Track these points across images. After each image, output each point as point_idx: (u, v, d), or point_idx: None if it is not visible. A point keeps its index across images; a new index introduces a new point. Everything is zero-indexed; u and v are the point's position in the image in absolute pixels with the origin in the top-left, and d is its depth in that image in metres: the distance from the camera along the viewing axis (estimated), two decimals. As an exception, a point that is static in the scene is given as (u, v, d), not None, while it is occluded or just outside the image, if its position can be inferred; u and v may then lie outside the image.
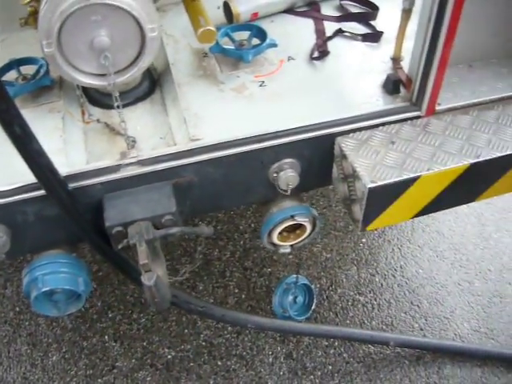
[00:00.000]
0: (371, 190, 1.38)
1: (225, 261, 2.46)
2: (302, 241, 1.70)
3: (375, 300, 2.33)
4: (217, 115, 1.56)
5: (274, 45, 1.71)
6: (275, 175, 1.53)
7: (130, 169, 1.44)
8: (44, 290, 1.50)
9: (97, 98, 1.68)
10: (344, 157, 1.48)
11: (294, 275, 2.03)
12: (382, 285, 2.39)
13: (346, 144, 1.49)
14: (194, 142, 1.47)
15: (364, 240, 2.55)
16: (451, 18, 1.36)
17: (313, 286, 2.13)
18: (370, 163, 1.43)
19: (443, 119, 1.58)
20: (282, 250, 1.72)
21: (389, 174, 1.41)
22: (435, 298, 2.34)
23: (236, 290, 2.36)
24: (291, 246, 1.72)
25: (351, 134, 1.51)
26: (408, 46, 1.56)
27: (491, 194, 1.62)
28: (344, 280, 2.39)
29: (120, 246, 1.41)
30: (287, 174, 1.51)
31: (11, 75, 1.71)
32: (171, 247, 2.48)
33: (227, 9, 1.88)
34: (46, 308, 1.59)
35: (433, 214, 2.66)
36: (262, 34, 1.74)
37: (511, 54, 1.77)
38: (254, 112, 1.57)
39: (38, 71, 1.66)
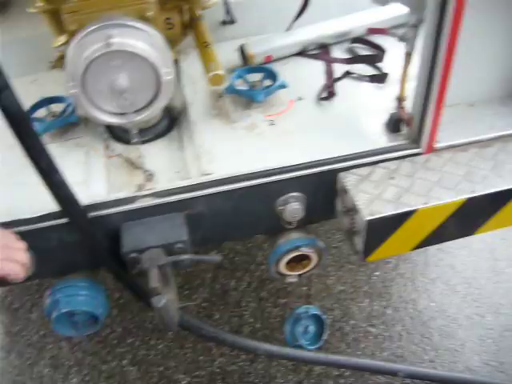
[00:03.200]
0: (370, 223, 1.47)
1: (241, 291, 2.55)
2: (308, 271, 1.79)
3: (386, 332, 2.38)
4: (228, 151, 1.68)
5: (284, 86, 1.83)
6: (281, 208, 1.62)
7: (146, 200, 1.55)
8: (64, 310, 1.62)
9: (119, 134, 1.82)
10: (345, 191, 1.57)
11: (305, 306, 2.10)
12: (393, 317, 2.44)
13: (348, 179, 1.58)
14: (204, 176, 1.59)
15: (377, 273, 2.62)
16: (445, 62, 1.46)
17: (324, 317, 2.19)
18: (369, 197, 1.52)
19: (442, 156, 1.67)
20: (289, 280, 1.80)
21: (387, 207, 1.50)
22: (446, 330, 2.38)
23: (251, 320, 2.44)
24: (298, 275, 1.80)
25: (353, 170, 1.61)
26: (412, 86, 1.66)
27: (490, 227, 1.68)
28: (356, 312, 2.45)
29: (135, 271, 1.52)
30: (292, 207, 1.61)
31: (42, 112, 1.86)
32: (189, 277, 2.59)
33: (243, 52, 2.01)
34: (66, 328, 1.69)
35: (446, 249, 2.71)
36: (273, 76, 1.86)
37: (511, 94, 1.85)
38: (263, 149, 1.68)
39: (65, 109, 1.81)
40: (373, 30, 2.09)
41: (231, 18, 2.21)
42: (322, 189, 1.64)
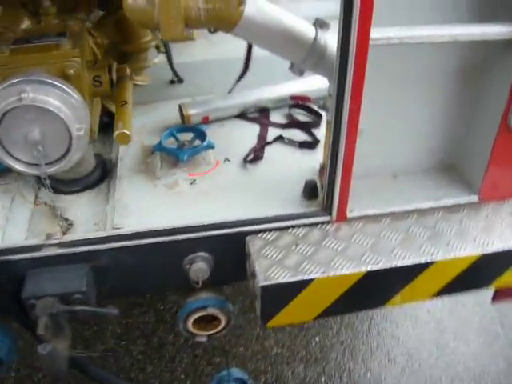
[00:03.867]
0: (264, 288, 1.48)
1: (178, 346, 2.54)
2: (217, 332, 1.78)
3: (317, 399, 2.35)
4: (143, 207, 1.71)
5: (210, 146, 1.88)
6: (188, 267, 1.64)
7: (52, 249, 1.58)
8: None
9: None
10: (249, 255, 1.59)
11: (230, 369, 2.08)
12: (326, 385, 2.41)
13: (253, 243, 1.60)
14: (112, 230, 1.62)
15: (317, 339, 2.59)
16: (348, 134, 1.50)
17: (249, 382, 2.16)
18: (270, 263, 1.54)
19: (353, 225, 1.68)
20: (198, 339, 1.80)
21: (284, 274, 1.51)
22: (379, 402, 2.34)
23: (182, 376, 2.42)
24: (207, 335, 1.80)
25: (260, 234, 1.63)
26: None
27: (402, 300, 1.68)
28: (290, 376, 2.42)
29: (32, 317, 1.54)
30: (197, 267, 1.63)
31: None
32: (129, 328, 2.58)
33: (181, 111, 2.08)
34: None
35: (391, 318, 2.69)
36: (202, 136, 1.91)
37: (436, 167, 1.87)
38: (178, 207, 1.71)
39: (-4, 156, 1.86)
40: (296, 98, 2.16)
41: (179, 78, 2.28)
42: (231, 250, 1.66)
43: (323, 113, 2.11)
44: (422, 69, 1.62)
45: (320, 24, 1.70)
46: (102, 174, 1.94)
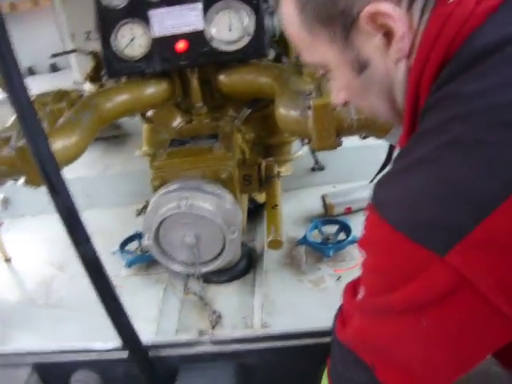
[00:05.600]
0: None
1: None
2: None
3: None
4: (290, 306, 1.73)
5: (355, 241, 1.87)
6: (335, 369, 1.62)
7: (203, 347, 1.63)
8: None
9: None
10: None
11: None
12: None
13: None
14: (263, 330, 1.64)
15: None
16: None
17: None
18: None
19: None
20: None
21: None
22: None
23: None
24: None
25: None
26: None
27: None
28: None
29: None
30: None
31: (134, 245, 2.07)
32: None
33: (324, 202, 2.10)
34: None
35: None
36: (347, 229, 1.91)
37: None
38: (325, 306, 1.70)
39: (152, 246, 1.99)
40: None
41: (320, 166, 2.32)
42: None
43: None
44: None
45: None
46: (248, 263, 2.00)
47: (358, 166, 2.28)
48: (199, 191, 1.58)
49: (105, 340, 1.63)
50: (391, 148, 1.93)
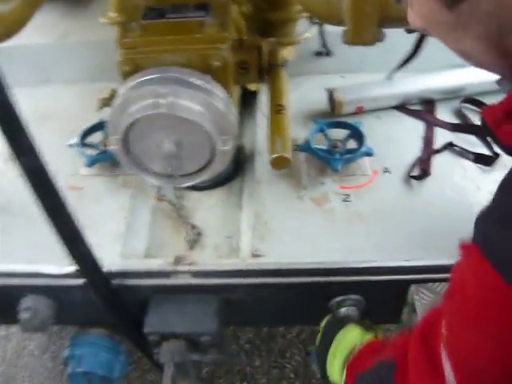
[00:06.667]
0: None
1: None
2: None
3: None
4: (287, 230, 1.42)
5: (369, 154, 1.54)
6: (335, 308, 1.36)
7: (181, 278, 1.34)
8: (78, 370, 1.48)
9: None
10: (413, 308, 1.28)
11: None
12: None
13: (419, 297, 1.29)
14: (253, 260, 1.35)
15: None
16: None
17: None
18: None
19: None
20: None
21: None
22: None
23: (292, 375, 2.21)
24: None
25: (429, 284, 1.31)
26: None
27: None
28: None
29: (154, 357, 1.34)
30: (348, 312, 1.35)
31: (98, 136, 1.68)
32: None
33: (331, 97, 1.73)
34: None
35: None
36: (359, 138, 1.57)
37: None
38: (329, 234, 1.41)
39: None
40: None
41: (326, 50, 1.91)
42: (388, 296, 1.36)
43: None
44: None
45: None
46: (236, 167, 1.65)
47: (371, 53, 1.86)
48: (184, 85, 1.19)
49: (60, 259, 1.32)
50: (422, 36, 1.54)
